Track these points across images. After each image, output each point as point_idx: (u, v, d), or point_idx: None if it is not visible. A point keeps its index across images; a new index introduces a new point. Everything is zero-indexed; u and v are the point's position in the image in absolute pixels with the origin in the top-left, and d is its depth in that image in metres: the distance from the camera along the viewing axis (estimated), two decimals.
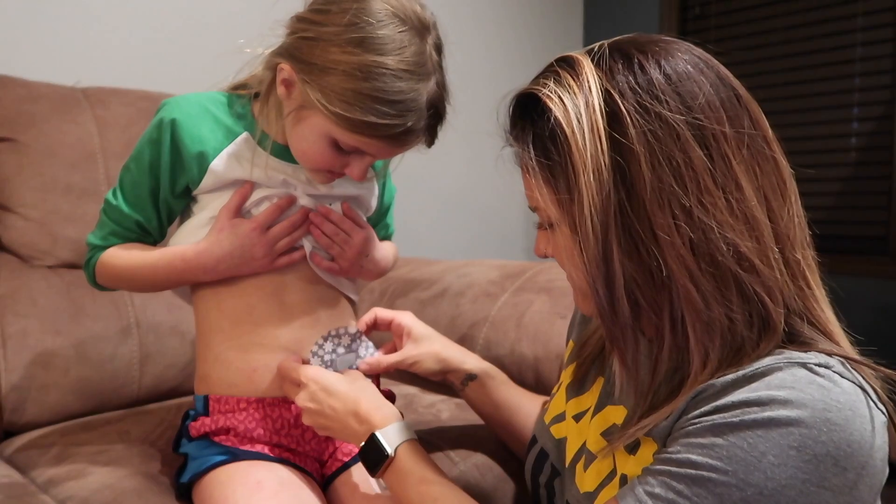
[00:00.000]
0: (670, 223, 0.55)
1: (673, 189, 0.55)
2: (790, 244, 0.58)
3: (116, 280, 0.85)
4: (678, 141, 0.55)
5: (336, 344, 0.84)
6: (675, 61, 0.58)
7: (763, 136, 0.59)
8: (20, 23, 1.29)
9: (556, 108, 0.58)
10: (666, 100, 0.56)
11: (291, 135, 0.77)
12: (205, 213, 0.81)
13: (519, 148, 0.62)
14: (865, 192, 2.31)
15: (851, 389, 0.52)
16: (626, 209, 0.56)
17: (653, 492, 0.54)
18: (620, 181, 0.56)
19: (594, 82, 0.58)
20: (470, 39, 2.23)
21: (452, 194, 2.22)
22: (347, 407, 0.75)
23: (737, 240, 0.55)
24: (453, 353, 0.91)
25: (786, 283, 0.57)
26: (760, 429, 0.50)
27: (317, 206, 0.83)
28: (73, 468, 0.87)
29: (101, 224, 0.84)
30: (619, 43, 0.60)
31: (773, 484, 0.50)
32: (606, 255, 0.57)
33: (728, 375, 0.55)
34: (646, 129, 0.55)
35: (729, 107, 0.57)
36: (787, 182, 0.59)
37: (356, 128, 0.71)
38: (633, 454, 0.61)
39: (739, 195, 0.56)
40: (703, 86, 0.57)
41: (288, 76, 0.73)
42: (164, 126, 0.78)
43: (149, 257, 0.81)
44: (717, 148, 0.56)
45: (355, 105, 0.69)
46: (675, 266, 0.55)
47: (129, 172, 0.81)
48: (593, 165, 0.56)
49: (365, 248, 0.86)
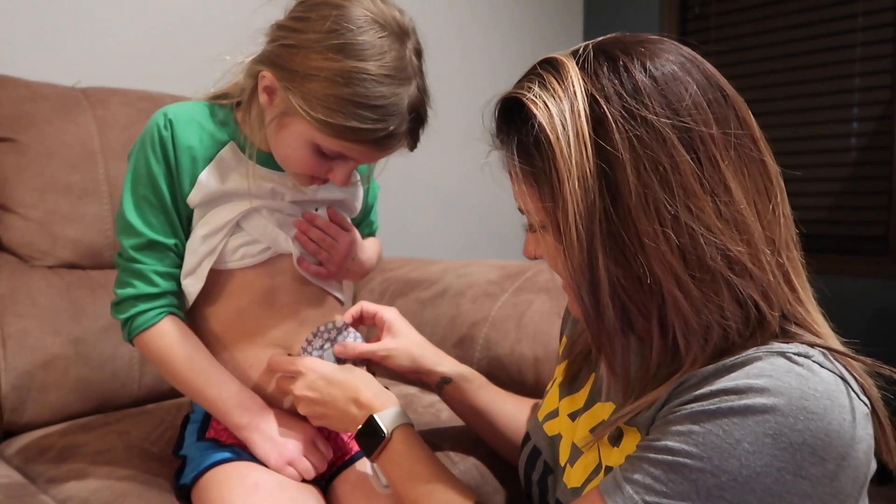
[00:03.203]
0: (657, 229, 0.54)
1: (659, 195, 0.54)
2: (776, 245, 0.58)
3: (157, 363, 0.80)
4: (664, 145, 0.54)
5: (325, 339, 0.86)
6: (660, 62, 0.57)
7: (750, 135, 0.58)
8: (20, 23, 1.28)
9: (541, 113, 0.56)
10: (651, 103, 0.55)
11: (274, 141, 0.77)
12: (198, 231, 0.80)
13: (504, 153, 0.62)
14: (865, 192, 2.31)
15: (831, 379, 0.52)
16: (611, 216, 0.55)
17: (631, 477, 0.54)
18: (606, 188, 0.55)
19: (579, 87, 0.56)
20: (469, 39, 2.23)
21: (452, 194, 2.22)
22: (348, 394, 0.76)
23: (727, 244, 0.54)
24: (427, 355, 0.91)
25: (779, 285, 0.57)
26: (736, 416, 0.50)
27: (302, 212, 0.84)
28: (73, 468, 0.87)
29: (136, 273, 0.78)
30: (604, 44, 0.59)
31: (748, 471, 0.50)
32: (591, 262, 0.56)
33: (709, 366, 0.55)
34: (631, 135, 0.54)
35: (716, 107, 0.56)
36: (774, 181, 0.59)
37: (339, 133, 0.71)
38: (617, 446, 0.62)
39: (728, 198, 0.55)
40: (689, 87, 0.56)
41: (270, 84, 0.74)
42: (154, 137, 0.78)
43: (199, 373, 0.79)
44: (705, 150, 0.55)
45: (337, 111, 0.69)
46: (662, 273, 0.55)
47: (143, 201, 0.78)
48: (578, 173, 0.55)
49: (351, 252, 0.87)
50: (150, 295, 0.78)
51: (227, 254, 0.80)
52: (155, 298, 0.79)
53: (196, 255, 0.80)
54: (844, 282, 2.27)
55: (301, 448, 0.79)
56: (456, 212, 2.25)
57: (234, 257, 0.81)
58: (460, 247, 2.26)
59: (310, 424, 0.82)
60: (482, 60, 2.27)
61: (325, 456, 0.81)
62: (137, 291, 0.78)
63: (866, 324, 2.27)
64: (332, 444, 0.86)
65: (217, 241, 0.80)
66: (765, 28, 2.45)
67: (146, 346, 0.79)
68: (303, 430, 0.81)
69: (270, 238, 0.82)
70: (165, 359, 0.78)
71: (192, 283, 0.81)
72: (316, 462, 0.80)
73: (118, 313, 0.79)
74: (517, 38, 2.40)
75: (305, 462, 0.79)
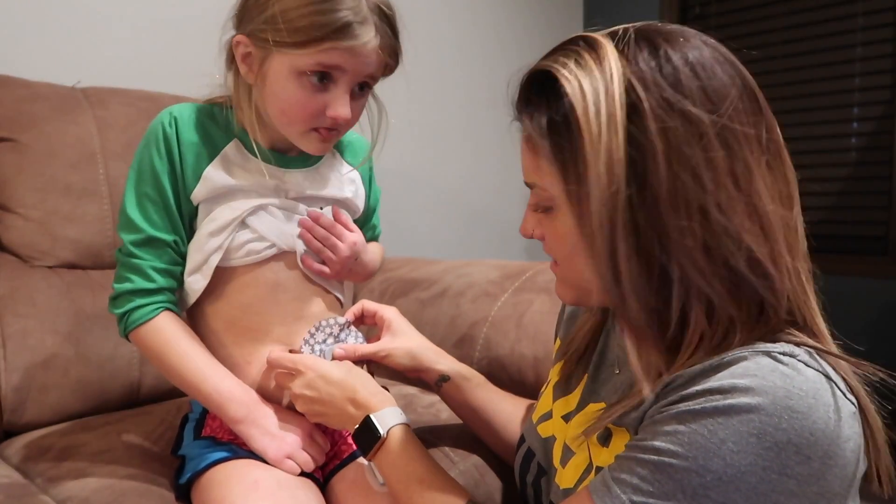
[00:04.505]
0: (683, 224, 0.53)
1: (690, 189, 0.53)
2: (795, 254, 0.57)
3: (152, 358, 0.81)
4: (701, 140, 0.53)
5: (326, 334, 0.86)
6: (702, 54, 0.56)
7: (777, 139, 0.58)
8: (20, 23, 1.28)
9: (574, 92, 0.55)
10: (691, 94, 0.54)
11: (266, 100, 0.78)
12: (203, 229, 0.80)
13: (529, 125, 0.60)
14: (865, 192, 2.31)
15: (815, 377, 0.51)
16: (636, 206, 0.54)
17: (619, 477, 0.54)
18: (633, 177, 0.54)
19: (616, 69, 0.55)
20: (468, 37, 2.23)
21: (452, 194, 2.22)
22: (345, 393, 0.77)
23: (752, 245, 0.54)
24: (427, 353, 0.91)
25: (794, 291, 0.56)
26: (721, 416, 0.50)
27: (307, 211, 0.84)
28: (73, 468, 0.87)
29: (134, 268, 0.79)
30: (645, 30, 0.58)
31: (733, 471, 0.50)
32: (612, 250, 0.55)
33: (696, 365, 0.55)
34: (668, 126, 0.53)
35: (751, 108, 0.56)
36: (793, 189, 0.58)
37: (306, 38, 0.71)
38: (607, 446, 0.62)
39: (758, 201, 0.55)
40: (728, 83, 0.55)
41: (242, 43, 0.76)
42: (158, 134, 0.79)
43: (195, 368, 0.78)
44: (740, 150, 0.54)
45: (298, 19, 0.71)
46: (688, 267, 0.54)
47: (144, 197, 0.78)
48: (606, 157, 0.53)
49: (354, 252, 0.87)
50: (146, 290, 0.79)
51: (232, 251, 0.81)
52: (151, 294, 0.79)
53: (202, 252, 0.80)
54: (844, 282, 2.27)
55: (299, 441, 0.79)
56: (456, 212, 2.25)
57: (238, 254, 0.81)
58: (460, 246, 2.25)
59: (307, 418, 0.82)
60: (481, 60, 2.27)
61: (323, 448, 0.82)
62: (134, 286, 0.78)
63: (866, 324, 2.27)
64: (329, 437, 0.86)
65: (223, 238, 0.80)
66: (765, 28, 2.45)
67: (141, 341, 0.80)
68: (300, 423, 0.81)
69: (275, 235, 0.82)
70: (161, 353, 0.79)
71: (197, 281, 0.81)
72: (315, 454, 0.80)
73: (115, 308, 0.80)
74: (516, 37, 2.40)
75: (304, 455, 0.79)
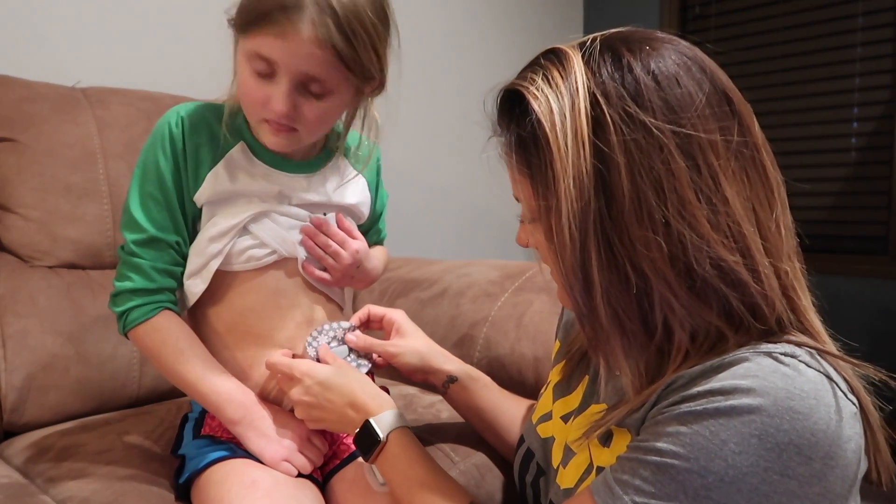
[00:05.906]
0: (649, 235, 0.54)
1: (652, 201, 0.53)
2: (777, 256, 0.57)
3: (150, 357, 0.81)
4: (661, 151, 0.53)
5: (331, 337, 0.86)
6: (665, 63, 0.56)
7: (753, 143, 0.57)
8: (20, 23, 1.28)
9: (541, 109, 0.56)
10: (651, 107, 0.54)
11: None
12: (205, 233, 0.80)
13: (503, 142, 0.62)
14: (865, 192, 2.31)
15: (817, 378, 0.51)
16: (605, 218, 0.55)
17: (621, 478, 0.54)
18: (602, 190, 0.54)
19: (582, 83, 0.55)
20: (467, 37, 2.23)
21: (452, 194, 2.22)
22: (344, 398, 0.77)
23: (719, 253, 0.54)
24: (435, 354, 0.92)
25: (776, 297, 0.56)
26: (722, 417, 0.50)
27: (310, 217, 0.84)
28: (73, 468, 0.87)
29: (135, 267, 0.78)
30: (611, 40, 0.58)
31: (734, 472, 0.50)
32: (584, 262, 0.55)
33: (697, 366, 0.55)
34: (629, 138, 0.53)
35: (719, 114, 0.55)
36: (775, 190, 0.58)
37: (244, 20, 0.72)
38: (607, 446, 0.62)
39: (725, 208, 0.54)
40: (693, 91, 0.55)
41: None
42: (164, 134, 0.79)
43: (193, 368, 0.78)
44: (704, 158, 0.54)
45: (245, 2, 0.72)
46: (654, 278, 0.54)
47: (148, 197, 0.78)
48: (574, 172, 0.54)
49: (357, 260, 0.87)
50: (146, 290, 0.79)
51: (233, 256, 0.81)
52: (151, 293, 0.79)
53: (203, 256, 0.80)
54: (844, 282, 2.27)
55: (296, 444, 0.79)
56: (456, 212, 2.25)
57: (239, 260, 0.81)
58: (459, 246, 2.25)
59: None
60: (481, 59, 2.27)
61: (320, 451, 0.82)
62: (134, 285, 0.78)
63: (866, 324, 2.26)
64: (329, 437, 0.86)
65: (224, 243, 0.80)
66: (765, 28, 2.45)
67: (140, 340, 0.80)
68: (298, 425, 0.81)
69: (277, 242, 0.82)
70: (159, 352, 0.79)
71: (196, 284, 0.81)
72: (312, 457, 0.80)
73: (114, 305, 0.80)
74: (516, 37, 2.40)
75: (301, 458, 0.79)
